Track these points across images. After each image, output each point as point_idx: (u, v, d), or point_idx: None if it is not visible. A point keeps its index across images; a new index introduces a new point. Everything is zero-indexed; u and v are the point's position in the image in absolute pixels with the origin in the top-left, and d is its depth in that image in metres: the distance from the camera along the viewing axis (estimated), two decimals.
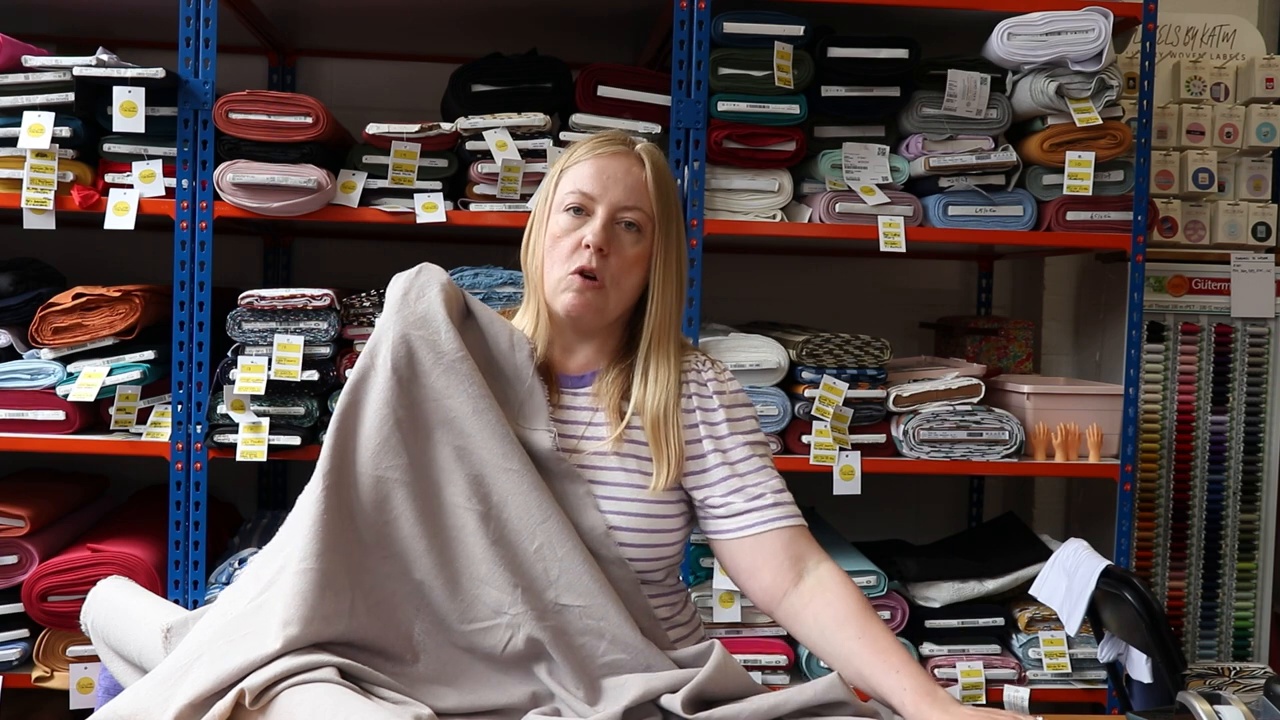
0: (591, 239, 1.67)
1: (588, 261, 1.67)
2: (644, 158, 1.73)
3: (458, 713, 1.52)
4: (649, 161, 1.73)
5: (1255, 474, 3.38)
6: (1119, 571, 2.44)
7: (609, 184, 1.69)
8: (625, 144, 1.74)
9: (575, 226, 1.69)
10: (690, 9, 2.92)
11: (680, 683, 1.54)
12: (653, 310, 1.73)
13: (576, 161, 1.73)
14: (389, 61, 3.64)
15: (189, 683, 1.42)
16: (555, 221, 1.71)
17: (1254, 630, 3.38)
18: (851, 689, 1.56)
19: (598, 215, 1.69)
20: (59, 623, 2.82)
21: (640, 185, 1.71)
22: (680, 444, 1.70)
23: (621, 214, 1.70)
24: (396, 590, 1.56)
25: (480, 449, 1.59)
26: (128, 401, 2.87)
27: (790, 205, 3.03)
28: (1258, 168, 3.51)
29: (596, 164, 1.71)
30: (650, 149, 1.75)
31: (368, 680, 1.47)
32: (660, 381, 1.71)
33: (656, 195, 1.72)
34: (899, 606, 3.01)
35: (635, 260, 1.71)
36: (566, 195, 1.71)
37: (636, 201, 1.70)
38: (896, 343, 3.20)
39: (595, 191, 1.69)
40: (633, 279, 1.71)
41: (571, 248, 1.69)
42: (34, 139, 2.75)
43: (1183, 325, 3.36)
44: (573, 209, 1.70)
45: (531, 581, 1.57)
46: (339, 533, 1.54)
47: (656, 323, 1.73)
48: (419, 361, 1.61)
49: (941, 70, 2.97)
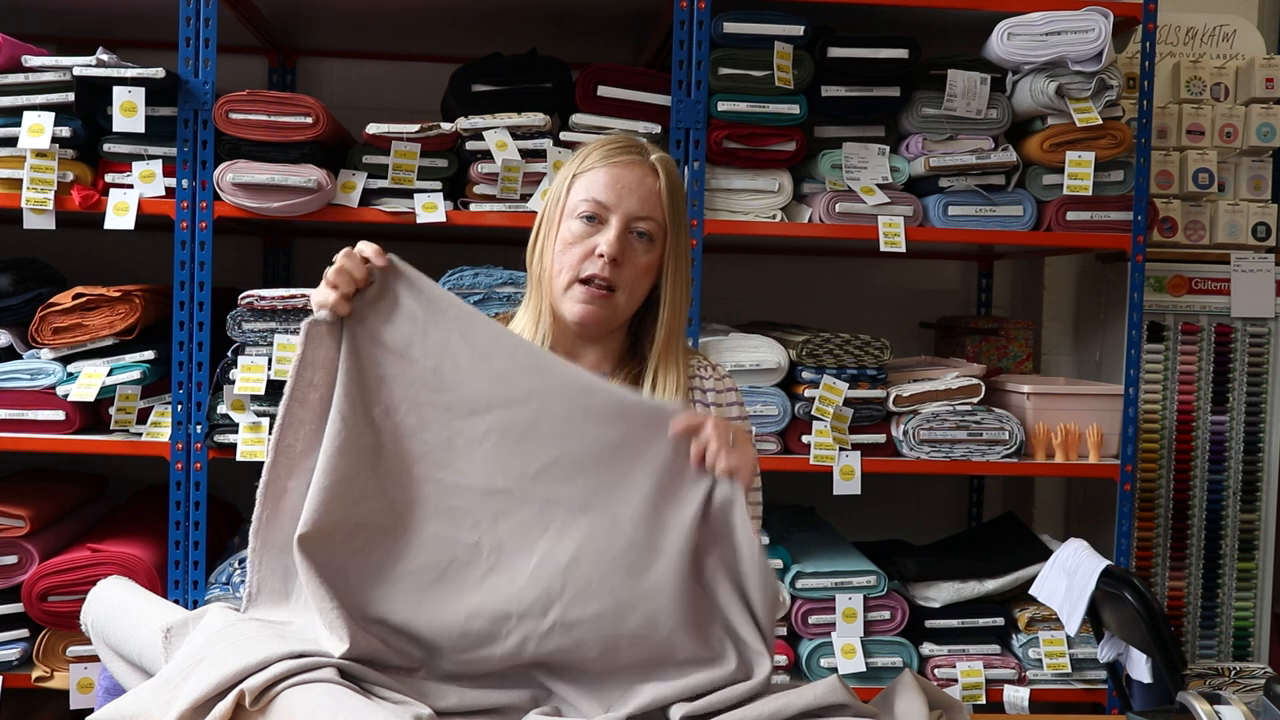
0: (606, 249, 1.68)
1: (601, 270, 1.68)
2: (658, 168, 1.74)
3: (458, 712, 1.52)
4: (663, 172, 1.74)
5: (1255, 474, 3.38)
6: (1119, 571, 2.44)
7: (624, 194, 1.70)
8: (640, 152, 1.75)
9: (588, 234, 1.70)
10: (690, 9, 2.92)
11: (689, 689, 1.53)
12: (664, 317, 1.75)
13: (590, 168, 1.73)
14: (389, 61, 3.64)
15: (191, 685, 1.42)
16: (567, 227, 1.72)
17: (1254, 630, 3.38)
18: (852, 691, 1.56)
19: (612, 225, 1.70)
20: (59, 623, 2.82)
21: (654, 195, 1.72)
22: None
23: (635, 224, 1.71)
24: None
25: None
26: (128, 401, 2.87)
27: (790, 205, 3.03)
28: (1258, 168, 3.51)
29: (611, 173, 1.72)
30: (664, 158, 1.76)
31: (368, 680, 1.47)
32: (669, 386, 1.74)
33: (669, 205, 1.73)
34: (899, 606, 3.01)
35: (647, 269, 1.72)
36: (580, 202, 1.71)
37: (650, 212, 1.71)
38: (896, 343, 3.20)
39: (610, 201, 1.70)
40: (642, 287, 1.73)
41: (583, 255, 1.70)
42: (34, 139, 2.75)
43: (1183, 325, 3.36)
44: (585, 216, 1.71)
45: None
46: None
47: (666, 329, 1.74)
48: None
49: (941, 70, 2.97)
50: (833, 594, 2.97)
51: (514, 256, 1.83)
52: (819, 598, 2.98)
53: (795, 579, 2.98)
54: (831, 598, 2.97)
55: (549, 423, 1.55)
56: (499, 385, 1.57)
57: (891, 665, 2.97)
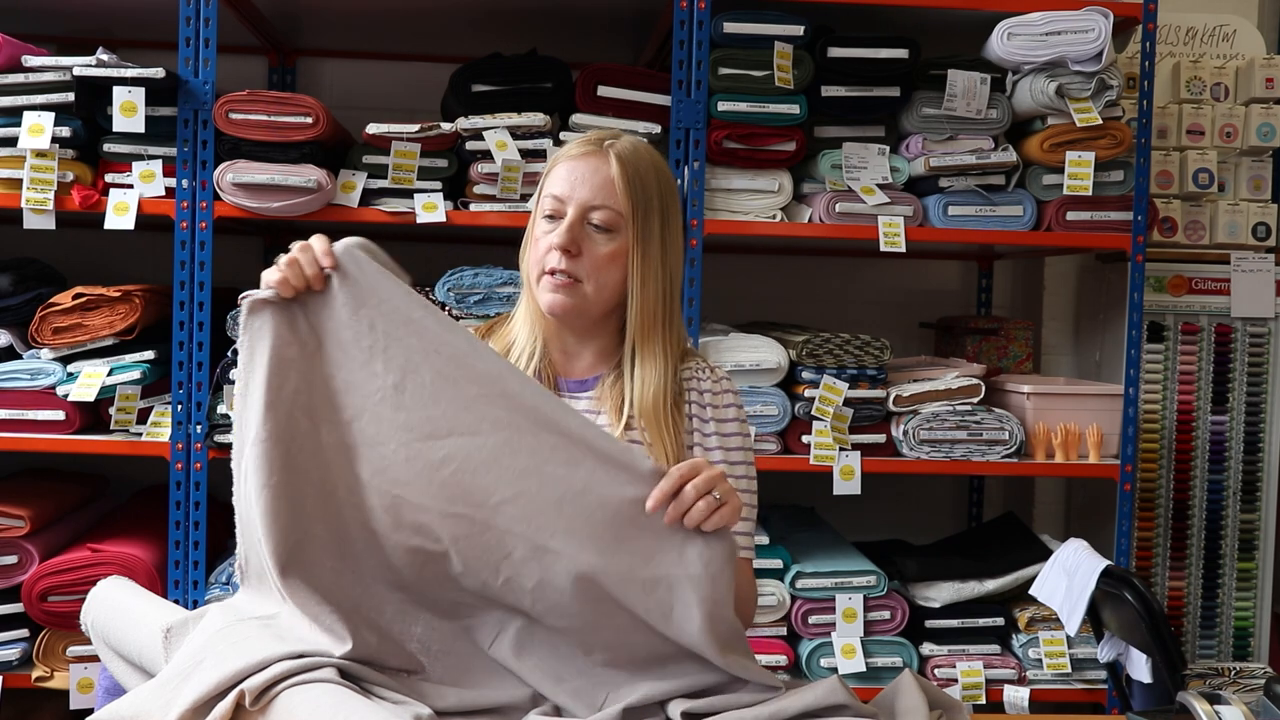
0: (556, 239, 1.70)
1: (557, 263, 1.70)
2: (616, 157, 1.72)
3: (458, 712, 1.52)
4: (616, 158, 1.72)
5: (1255, 474, 3.38)
6: (1119, 571, 2.44)
7: (576, 185, 1.72)
8: (596, 144, 1.75)
9: (550, 230, 1.72)
10: (690, 9, 2.92)
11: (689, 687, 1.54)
12: (633, 306, 1.74)
13: (554, 165, 1.76)
14: (389, 61, 3.64)
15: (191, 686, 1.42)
16: (537, 226, 1.75)
17: (1254, 630, 3.38)
18: (852, 691, 1.56)
19: (567, 217, 1.70)
20: (59, 623, 2.82)
21: (607, 183, 1.71)
22: (678, 437, 1.73)
23: (590, 214, 1.71)
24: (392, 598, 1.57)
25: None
26: (128, 401, 2.87)
27: (790, 205, 3.03)
28: (1258, 168, 3.51)
29: (568, 166, 1.74)
30: (624, 146, 1.74)
31: (368, 680, 1.47)
32: (648, 377, 1.73)
33: (626, 191, 1.71)
34: (899, 606, 3.01)
35: (610, 258, 1.72)
36: (545, 200, 1.75)
37: (604, 200, 1.71)
38: (896, 343, 3.20)
39: (564, 194, 1.72)
40: (611, 276, 1.72)
41: (545, 250, 1.72)
42: (34, 139, 2.75)
43: (1183, 325, 3.36)
44: (548, 215, 1.73)
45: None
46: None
47: (638, 319, 1.74)
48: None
49: (941, 70, 2.97)
50: (833, 594, 2.97)
51: (514, 256, 1.83)
52: (819, 598, 2.98)
53: (795, 579, 2.98)
54: (831, 598, 2.97)
55: (511, 458, 1.51)
56: (463, 412, 1.52)
57: (891, 665, 2.97)
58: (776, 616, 2.98)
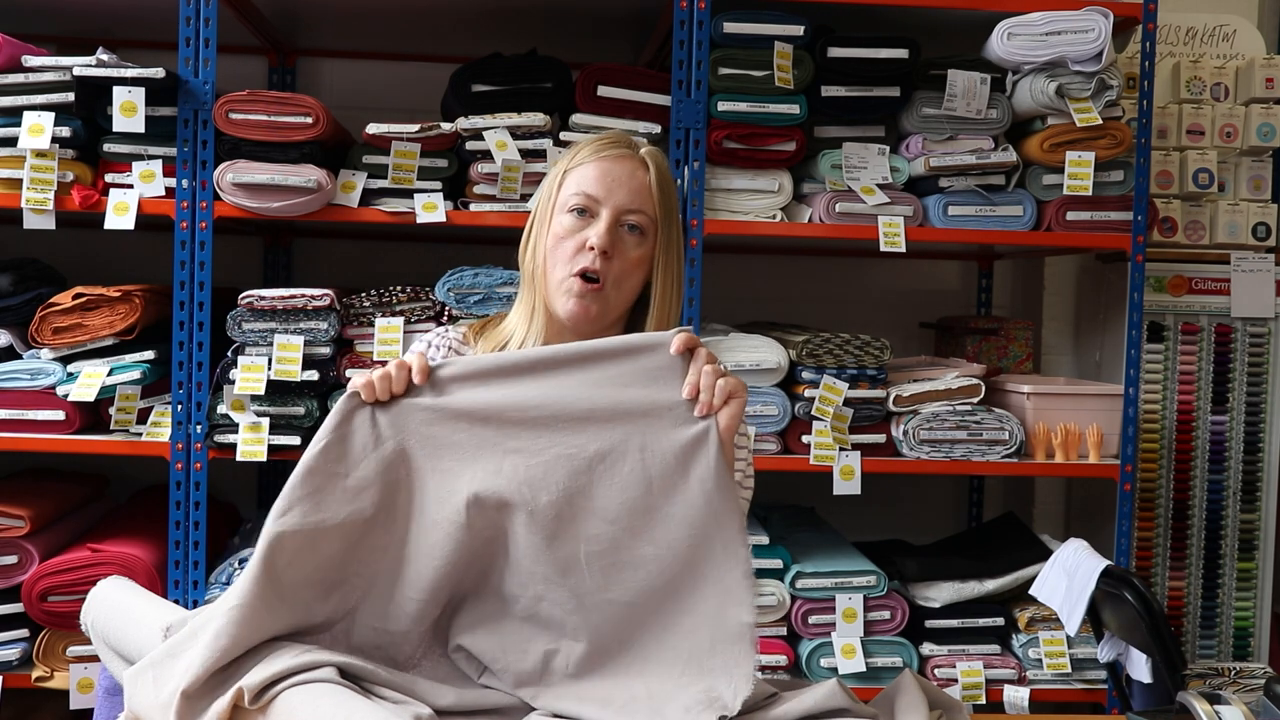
0: (596, 241, 1.68)
1: (591, 263, 1.68)
2: (648, 161, 1.75)
3: (458, 712, 1.52)
4: (653, 165, 1.74)
5: (1255, 474, 3.38)
6: (1119, 571, 2.44)
7: (614, 187, 1.70)
8: (629, 146, 1.76)
9: (579, 228, 1.70)
10: (690, 9, 2.92)
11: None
12: (654, 313, 1.74)
13: (581, 163, 1.74)
14: (389, 61, 3.64)
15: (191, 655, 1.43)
16: (559, 222, 1.72)
17: (1254, 630, 3.38)
18: (852, 694, 1.56)
19: (602, 218, 1.70)
20: (59, 623, 2.82)
21: (644, 188, 1.72)
22: None
23: (625, 217, 1.71)
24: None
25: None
26: (128, 401, 2.87)
27: (790, 205, 3.03)
28: (1258, 168, 3.51)
29: (601, 166, 1.72)
30: (654, 152, 1.77)
31: (368, 680, 1.47)
32: None
33: (660, 199, 1.73)
34: (899, 606, 3.01)
35: (637, 263, 1.72)
36: (571, 196, 1.72)
37: (640, 205, 1.71)
38: (896, 343, 3.20)
39: (600, 194, 1.70)
40: (634, 281, 1.73)
41: (575, 249, 1.70)
42: (34, 139, 2.75)
43: (1183, 325, 3.36)
44: (577, 210, 1.71)
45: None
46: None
47: (656, 324, 1.74)
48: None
49: (941, 70, 2.97)
50: (833, 594, 2.97)
51: (514, 256, 1.83)
52: (819, 598, 2.98)
53: (795, 579, 2.98)
54: (831, 598, 2.97)
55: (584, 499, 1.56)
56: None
57: (891, 665, 2.97)
58: (776, 616, 2.98)
